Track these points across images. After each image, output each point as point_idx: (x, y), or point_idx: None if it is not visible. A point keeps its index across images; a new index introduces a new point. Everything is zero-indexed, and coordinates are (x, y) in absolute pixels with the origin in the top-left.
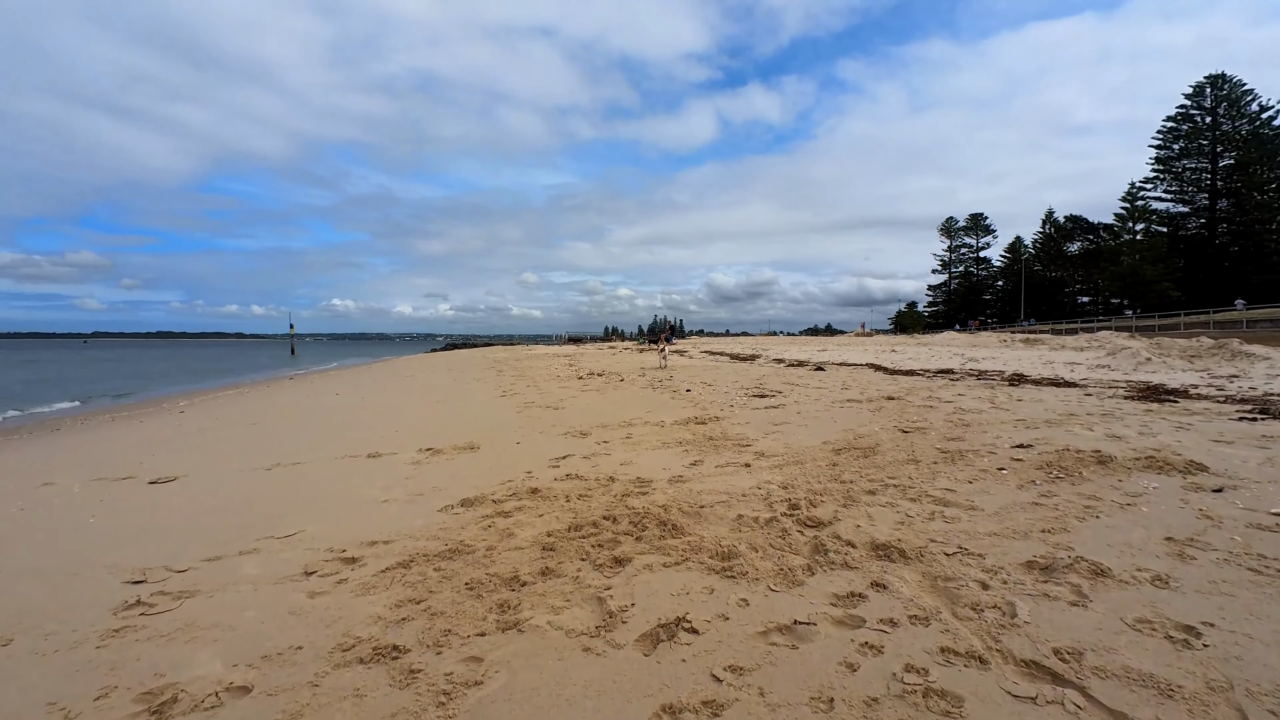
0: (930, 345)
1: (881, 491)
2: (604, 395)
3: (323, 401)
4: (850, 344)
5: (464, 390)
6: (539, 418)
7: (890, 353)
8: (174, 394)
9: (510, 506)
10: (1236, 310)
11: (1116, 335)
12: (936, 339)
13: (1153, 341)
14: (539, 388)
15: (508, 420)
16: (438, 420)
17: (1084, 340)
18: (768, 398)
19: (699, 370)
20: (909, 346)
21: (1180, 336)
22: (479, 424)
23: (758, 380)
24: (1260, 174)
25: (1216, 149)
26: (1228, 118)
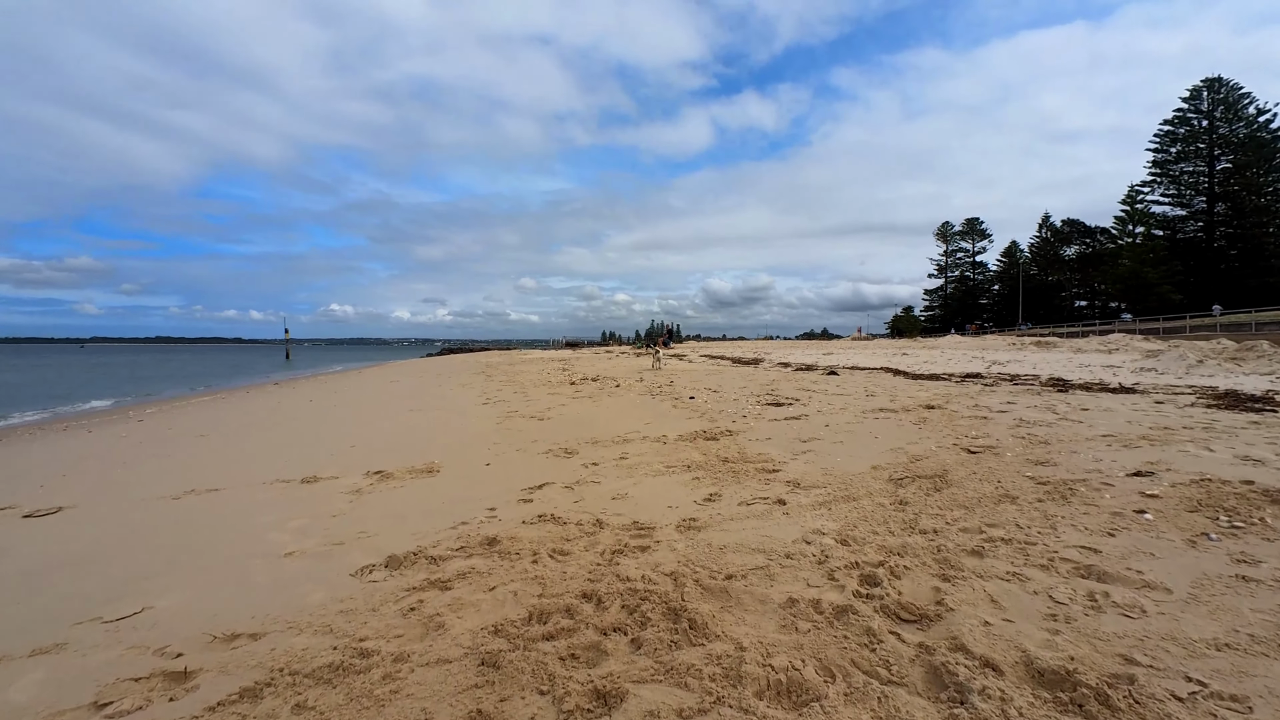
0: (938, 349)
1: (989, 551)
2: (597, 404)
3: (292, 409)
4: (853, 348)
5: (444, 397)
6: (520, 430)
7: (901, 356)
8: (148, 400)
9: (452, 570)
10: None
11: (1131, 338)
12: (941, 342)
13: (1170, 344)
14: (526, 394)
15: (484, 433)
16: (405, 433)
17: (1097, 343)
18: (784, 406)
19: (701, 375)
20: (918, 350)
21: (1198, 338)
22: (450, 438)
23: (768, 386)
24: (1257, 177)
25: (1214, 152)
26: (1225, 121)
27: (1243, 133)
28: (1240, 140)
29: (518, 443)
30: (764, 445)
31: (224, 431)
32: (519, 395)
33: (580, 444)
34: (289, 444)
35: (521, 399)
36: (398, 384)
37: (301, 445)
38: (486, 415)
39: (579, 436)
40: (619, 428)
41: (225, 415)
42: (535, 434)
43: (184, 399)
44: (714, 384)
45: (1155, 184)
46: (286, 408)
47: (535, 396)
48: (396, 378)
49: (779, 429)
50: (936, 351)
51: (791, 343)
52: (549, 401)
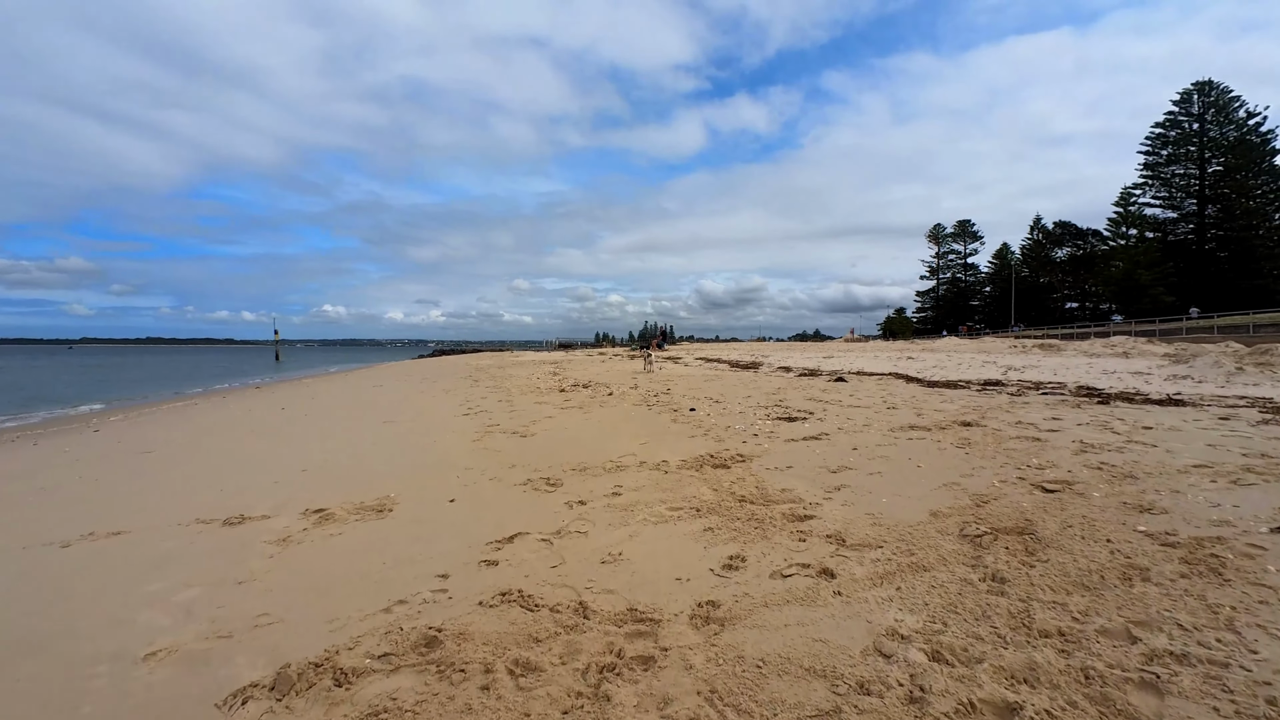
0: (940, 351)
1: (1168, 682)
2: (588, 415)
3: (260, 418)
4: (852, 350)
5: (423, 406)
6: (498, 451)
7: (907, 360)
8: (116, 406)
9: (364, 701)
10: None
11: (1135, 340)
12: (940, 344)
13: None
14: (512, 403)
15: (457, 454)
16: (370, 451)
17: (1101, 345)
18: (799, 421)
19: (699, 381)
20: (920, 353)
21: (1200, 341)
22: (418, 459)
23: (774, 395)
24: (1247, 180)
25: (1204, 155)
26: (1215, 124)
27: (1233, 135)
28: (1231, 143)
29: (494, 468)
30: (786, 476)
31: (173, 446)
32: (504, 404)
33: (565, 471)
34: (235, 465)
35: (506, 409)
36: (380, 389)
37: (248, 467)
38: (465, 430)
39: (565, 460)
40: (612, 449)
41: (186, 425)
42: (515, 455)
43: (153, 405)
44: (714, 392)
45: (1146, 186)
46: (255, 417)
47: (521, 406)
48: (380, 382)
49: (799, 452)
50: (941, 355)
51: (787, 345)
52: (535, 413)
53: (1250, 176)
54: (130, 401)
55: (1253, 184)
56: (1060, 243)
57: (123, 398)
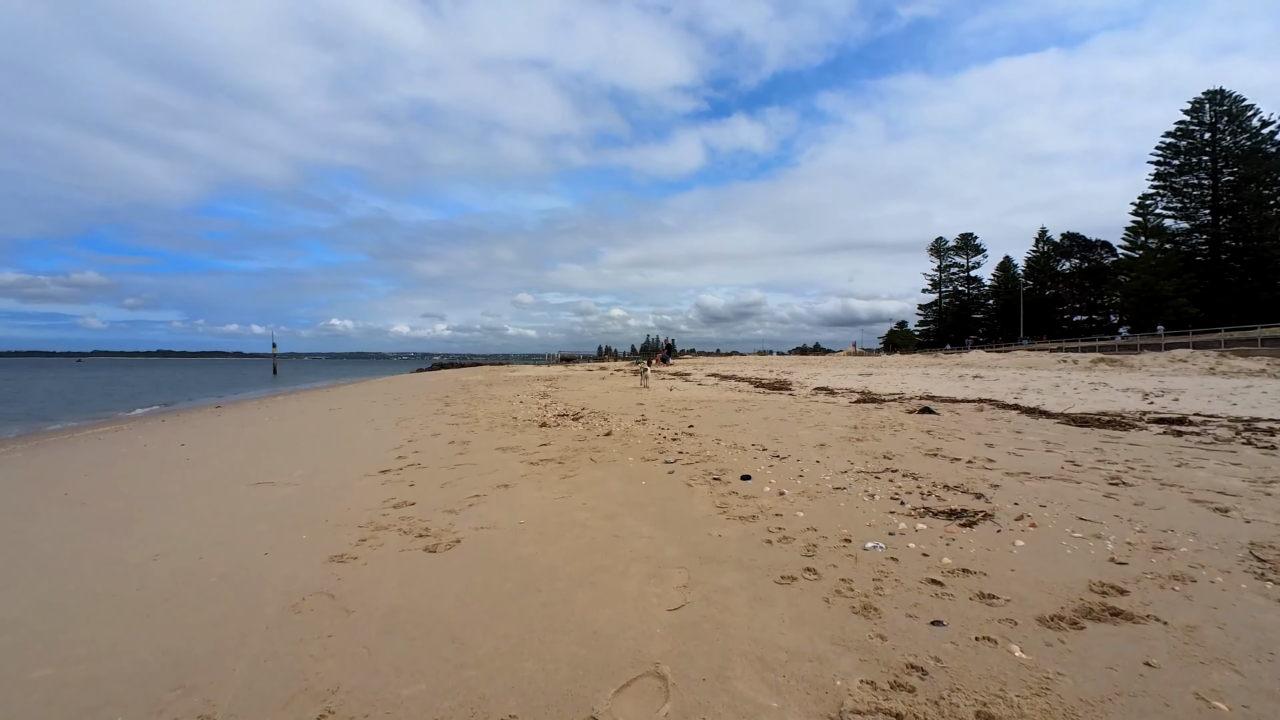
0: (994, 367)
1: None
2: (568, 482)
3: (158, 456)
4: (884, 365)
5: (341, 451)
6: (370, 590)
7: (974, 380)
8: (89, 422)
9: None
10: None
11: (1207, 354)
12: (971, 359)
13: (1269, 362)
14: (467, 447)
15: (262, 614)
16: (166, 558)
17: (1164, 360)
18: (974, 522)
19: (724, 408)
20: (974, 369)
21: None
22: (211, 608)
23: (857, 441)
24: (1261, 190)
25: (1217, 165)
26: (1228, 133)
27: (1246, 144)
28: (1244, 152)
29: (324, 657)
30: None
31: None
32: (453, 449)
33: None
34: None
35: (449, 461)
36: (336, 412)
37: None
38: (351, 517)
39: (494, 660)
40: (605, 610)
41: (85, 458)
42: (386, 618)
43: (93, 427)
44: (759, 431)
45: (1158, 196)
46: (152, 453)
47: (474, 455)
48: (340, 403)
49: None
50: (1004, 371)
51: (801, 358)
52: (486, 472)
53: (1265, 186)
54: (102, 417)
55: (1267, 194)
56: (1068, 254)
57: (92, 416)
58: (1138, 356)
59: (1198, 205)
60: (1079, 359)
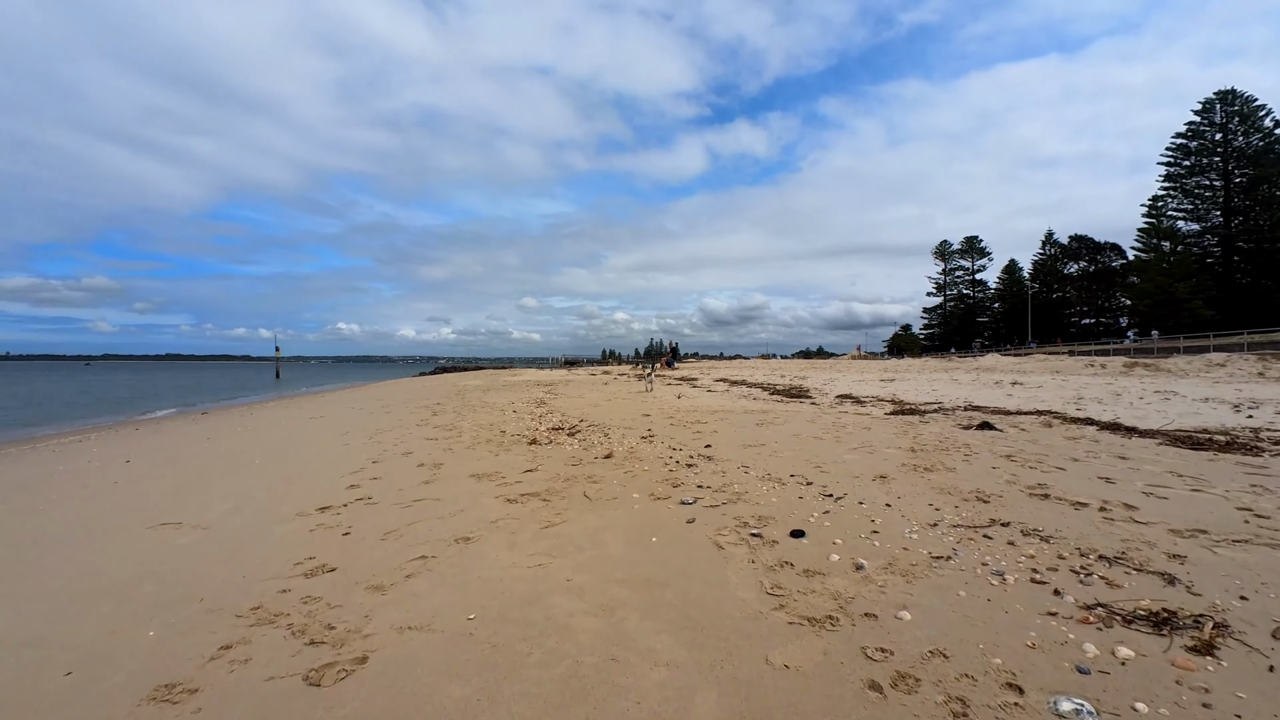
0: (1001, 371)
1: None
2: (554, 529)
3: (96, 478)
4: (904, 371)
5: (287, 475)
6: None
7: (1014, 385)
8: (59, 430)
9: None
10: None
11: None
12: (986, 362)
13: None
14: (437, 472)
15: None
16: None
17: (1200, 364)
18: (1210, 644)
19: (743, 421)
20: (1002, 374)
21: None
22: None
23: (932, 472)
24: (1275, 191)
25: (1229, 166)
26: (1240, 134)
27: (1259, 145)
28: (1256, 153)
29: None
30: None
31: None
32: (422, 473)
33: None
34: None
35: (413, 489)
36: (316, 421)
37: None
38: (260, 571)
39: None
40: None
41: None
42: None
43: (56, 437)
44: (799, 458)
45: (1169, 198)
46: (79, 476)
47: (447, 481)
48: (326, 410)
49: None
50: (1032, 377)
51: (810, 362)
52: (453, 507)
53: (1277, 187)
54: (83, 425)
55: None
56: (1076, 257)
57: (77, 421)
58: (1171, 361)
59: (1209, 207)
60: (1107, 363)
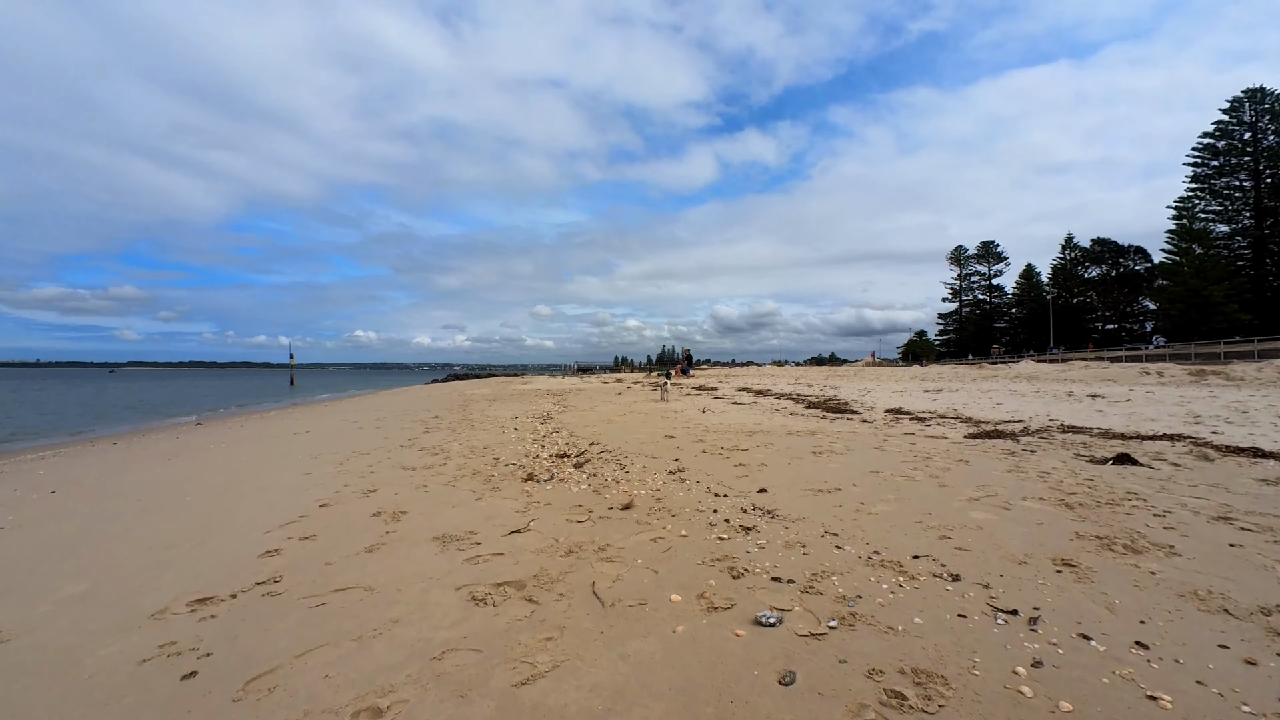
0: (1044, 380)
1: None
2: (547, 677)
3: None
4: (942, 379)
5: (214, 520)
6: None
7: (1092, 398)
8: (54, 442)
9: None
10: None
11: None
12: (1024, 369)
13: None
14: (398, 521)
15: None
16: None
17: (1273, 372)
18: None
19: (788, 445)
20: (1059, 384)
21: None
22: None
23: (1140, 553)
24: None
25: (1259, 165)
26: (1271, 132)
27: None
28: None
29: None
30: None
31: None
32: (370, 533)
33: None
34: None
35: (343, 568)
36: (300, 437)
37: None
38: None
39: None
40: None
41: None
42: None
43: (31, 452)
44: (906, 517)
45: (1196, 199)
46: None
47: (397, 548)
48: (316, 425)
49: None
50: (1100, 386)
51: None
52: (383, 612)
53: None
54: (68, 438)
55: None
56: (1099, 261)
57: (77, 432)
58: (1237, 368)
59: (1239, 208)
60: (1163, 370)
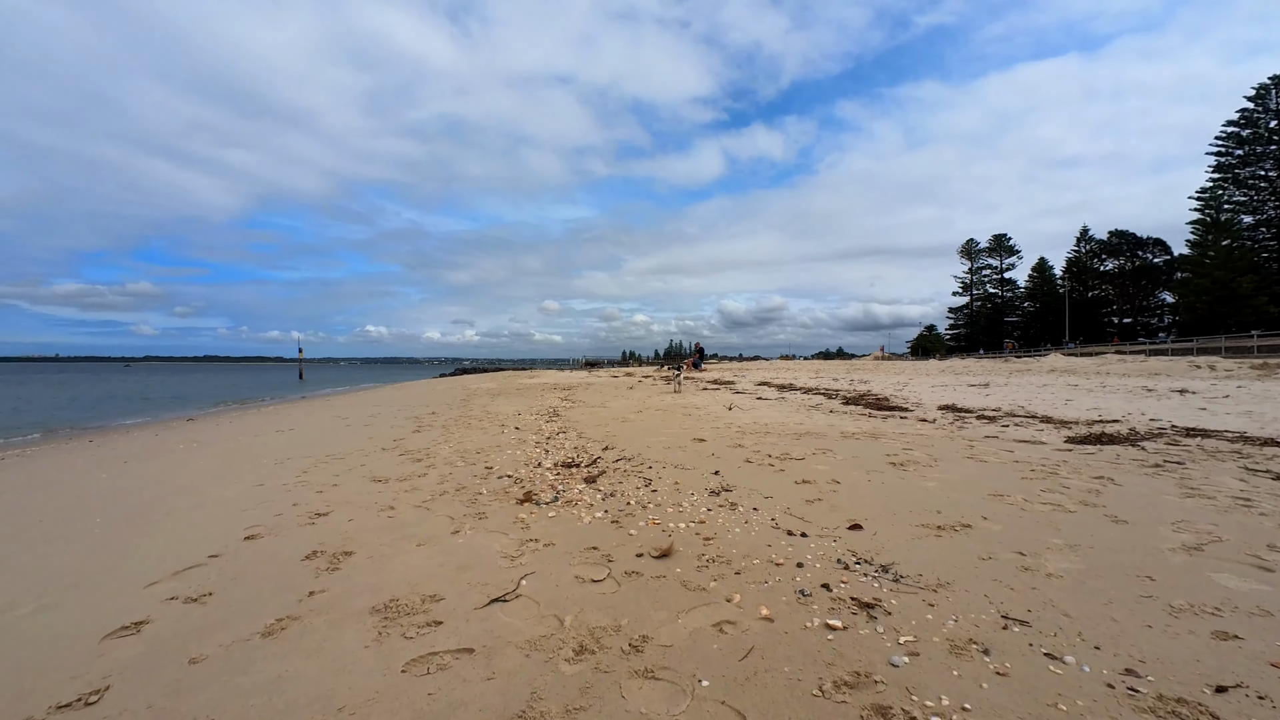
0: (1082, 373)
1: None
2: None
3: None
4: (986, 373)
5: (113, 564)
6: None
7: (1180, 394)
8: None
9: None
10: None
11: None
12: (1057, 363)
13: None
14: (329, 585)
15: None
16: None
17: None
18: None
19: (852, 454)
20: (1116, 376)
21: None
22: None
23: None
24: None
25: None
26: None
27: None
28: None
29: None
30: None
31: None
32: (292, 589)
33: None
34: None
35: (248, 651)
36: (280, 435)
37: None
38: None
39: None
40: None
41: None
42: None
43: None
44: (1137, 593)
45: (1220, 189)
46: None
47: (304, 643)
48: (304, 420)
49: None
50: (1171, 381)
51: (850, 363)
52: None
53: None
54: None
55: None
56: (1116, 253)
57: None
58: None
59: (1265, 198)
60: (1216, 364)
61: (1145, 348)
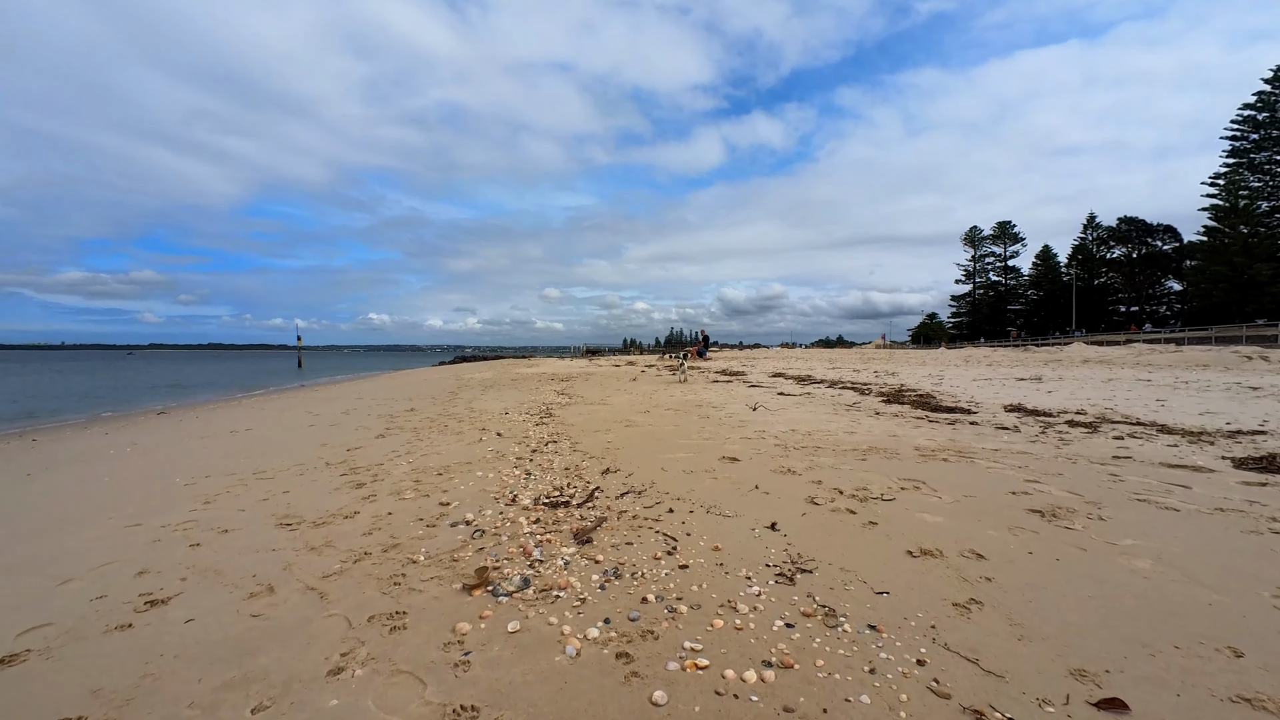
0: (1118, 364)
1: None
2: None
3: None
4: (1018, 364)
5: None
6: None
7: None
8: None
9: None
10: None
11: None
12: (1086, 353)
13: None
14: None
15: None
16: None
17: None
18: None
19: (949, 482)
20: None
21: None
22: None
23: None
24: None
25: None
26: None
27: None
28: None
29: None
30: None
31: None
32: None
33: None
34: None
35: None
36: (236, 437)
37: None
38: None
39: None
40: None
41: None
42: None
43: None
44: None
45: (1235, 175)
46: None
47: None
48: (261, 420)
49: None
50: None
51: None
52: None
53: None
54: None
55: None
56: (1125, 240)
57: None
58: None
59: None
60: (1268, 354)
61: (1168, 336)
